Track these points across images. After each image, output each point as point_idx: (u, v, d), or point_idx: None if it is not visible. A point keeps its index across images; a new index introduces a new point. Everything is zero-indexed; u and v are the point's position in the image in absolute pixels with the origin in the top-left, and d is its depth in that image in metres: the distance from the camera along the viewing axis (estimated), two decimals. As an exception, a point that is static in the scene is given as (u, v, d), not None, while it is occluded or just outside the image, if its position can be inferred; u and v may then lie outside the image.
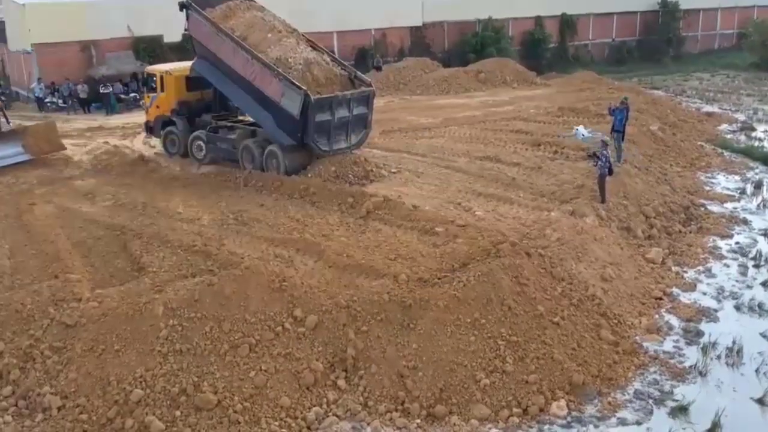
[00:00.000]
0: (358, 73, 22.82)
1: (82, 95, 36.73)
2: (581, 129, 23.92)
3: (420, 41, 50.21)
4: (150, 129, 26.41)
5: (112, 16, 38.50)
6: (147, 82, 26.54)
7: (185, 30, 24.44)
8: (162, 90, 25.32)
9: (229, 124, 23.89)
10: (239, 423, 11.19)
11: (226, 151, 23.17)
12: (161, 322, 12.37)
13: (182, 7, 23.85)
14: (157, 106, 25.62)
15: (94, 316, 12.76)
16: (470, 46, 50.01)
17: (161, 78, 25.29)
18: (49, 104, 36.98)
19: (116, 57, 38.72)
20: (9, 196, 20.78)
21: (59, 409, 11.50)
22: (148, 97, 26.29)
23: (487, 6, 51.88)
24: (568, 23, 56.16)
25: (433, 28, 50.83)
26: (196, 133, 24.09)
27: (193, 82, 25.00)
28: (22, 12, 38.16)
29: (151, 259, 15.23)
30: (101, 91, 36.43)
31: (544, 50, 53.97)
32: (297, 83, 20.27)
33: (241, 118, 24.98)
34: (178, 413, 11.22)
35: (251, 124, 23.51)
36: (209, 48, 23.21)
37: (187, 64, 25.54)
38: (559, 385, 12.05)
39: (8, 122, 25.88)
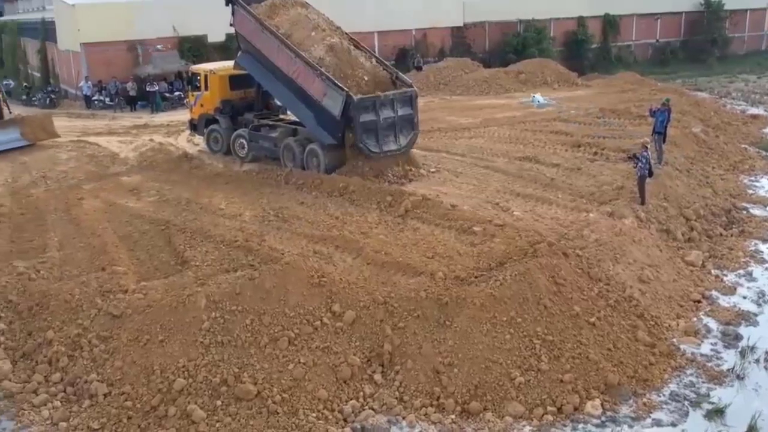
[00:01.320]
0: (400, 74, 22.95)
1: (132, 93, 37.59)
2: (538, 96, 24.59)
3: (461, 42, 50.25)
4: (194, 127, 26.96)
5: (158, 17, 39.32)
6: (192, 81, 27.11)
7: (230, 24, 24.64)
8: (206, 89, 25.81)
9: (270, 123, 24.26)
10: (278, 414, 11.45)
11: (267, 149, 23.56)
12: (203, 315, 12.70)
13: (228, 2, 24.13)
14: (201, 105, 26.13)
15: (139, 308, 13.17)
16: (511, 47, 49.93)
17: (205, 77, 25.79)
18: (96, 102, 37.93)
19: (161, 56, 39.50)
20: (59, 191, 21.44)
21: (105, 396, 11.89)
22: (193, 95, 26.83)
23: (529, 6, 51.71)
24: (611, 23, 55.67)
25: (474, 28, 50.84)
26: (239, 131, 24.52)
27: (236, 81, 25.46)
28: (71, 12, 39.19)
29: (194, 254, 15.63)
30: (147, 89, 37.22)
31: (586, 51, 53.61)
32: (339, 84, 20.51)
33: (282, 116, 25.41)
34: (218, 403, 11.53)
35: (293, 123, 23.89)
36: (253, 44, 23.48)
37: (231, 63, 26.02)
38: (594, 384, 12.08)
39: (9, 111, 29.04)
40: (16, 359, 13.09)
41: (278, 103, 25.86)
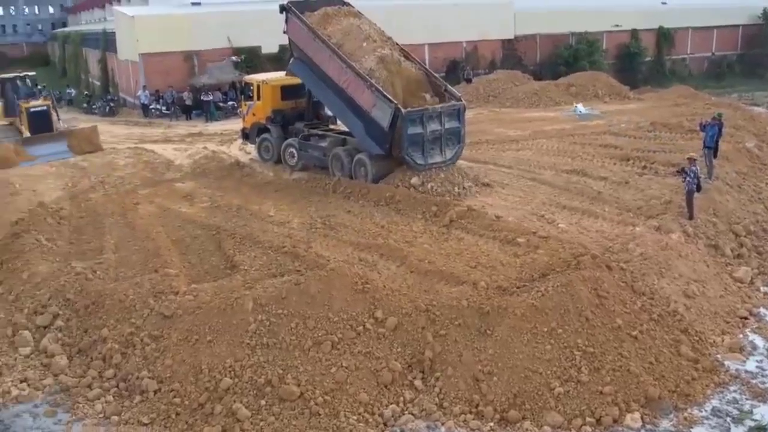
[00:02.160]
0: (449, 86, 23.16)
1: (187, 102, 38.65)
2: (579, 106, 24.08)
3: (511, 54, 50.38)
4: (246, 135, 27.62)
5: (213, 28, 40.49)
6: (244, 91, 27.79)
7: (284, 32, 24.94)
8: (258, 99, 26.43)
9: (320, 133, 24.71)
10: (320, 415, 11.75)
11: (316, 158, 24.01)
12: (250, 317, 13.09)
13: (282, 9, 24.53)
14: (254, 114, 26.76)
15: (189, 309, 13.63)
16: (562, 59, 49.85)
17: (258, 87, 26.42)
18: (153, 110, 39.08)
19: (216, 66, 40.55)
20: (116, 195, 22.24)
21: (155, 392, 12.36)
22: (245, 105, 27.51)
23: (581, 19, 51.69)
24: (665, 36, 55.21)
25: (525, 40, 50.96)
26: (289, 140, 25.04)
27: (287, 91, 26.04)
28: (131, 24, 40.55)
29: (243, 258, 16.07)
30: (202, 99, 38.23)
31: (639, 64, 53.23)
32: (388, 96, 20.83)
33: (332, 126, 25.87)
34: (263, 402, 11.88)
35: (342, 133, 24.32)
36: (305, 52, 23.86)
37: (283, 74, 26.62)
38: (634, 397, 12.07)
39: (58, 118, 31.11)
40: (73, 355, 13.70)
41: (328, 113, 26.36)
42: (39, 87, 35.41)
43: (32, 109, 30.16)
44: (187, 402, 12.06)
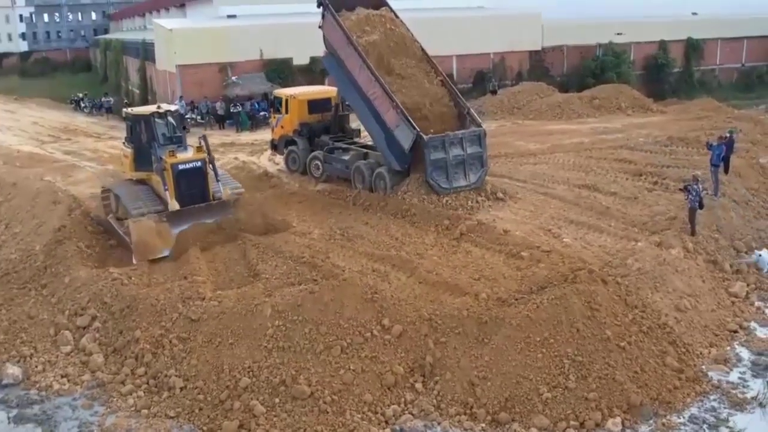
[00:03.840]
0: (471, 110, 23.95)
1: (220, 112, 40.18)
2: (765, 254, 19.48)
3: (538, 65, 51.03)
4: (275, 147, 29.01)
5: (247, 41, 41.91)
6: (274, 104, 29.16)
7: (319, 26, 25.18)
8: (286, 112, 27.76)
9: (344, 146, 25.94)
10: (327, 413, 12.91)
11: (340, 171, 25.21)
12: (269, 322, 14.31)
13: (319, 4, 24.72)
14: (282, 126, 28.12)
15: (214, 313, 14.91)
16: (589, 71, 50.31)
17: (286, 101, 27.76)
18: (189, 120, 40.65)
19: (249, 78, 42.02)
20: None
21: (181, 389, 13.62)
22: (275, 117, 28.88)
23: (609, 30, 52.04)
24: (694, 47, 55.27)
25: (553, 52, 51.52)
26: (315, 152, 26.29)
27: (314, 105, 27.34)
28: (169, 36, 42.22)
29: (265, 267, 17.30)
30: (231, 110, 39.76)
31: (667, 75, 53.38)
32: (412, 122, 21.66)
33: (356, 140, 27.08)
34: (277, 400, 13.08)
35: (364, 147, 25.50)
36: (338, 53, 24.35)
37: (310, 88, 27.92)
38: (617, 403, 13.00)
39: (217, 178, 20.27)
40: (108, 354, 15.06)
41: (353, 126, 27.61)
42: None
43: (181, 166, 19.73)
44: (210, 398, 13.30)
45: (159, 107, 21.23)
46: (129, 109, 22.32)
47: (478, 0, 54.15)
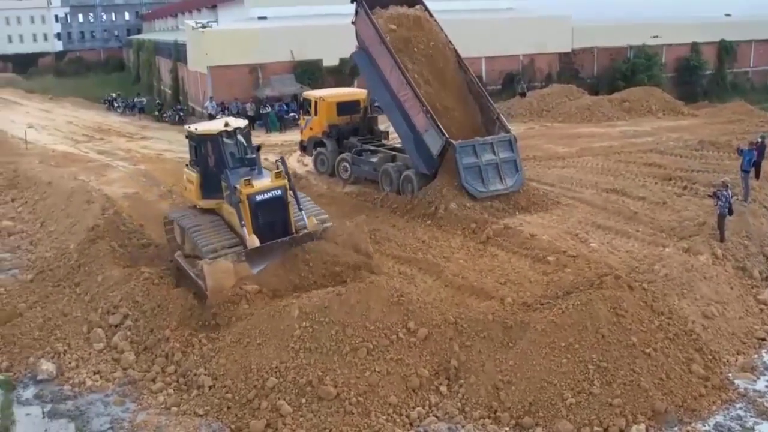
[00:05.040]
0: (501, 116, 23.99)
1: (250, 113, 40.62)
2: None
3: (568, 67, 50.77)
4: (303, 148, 29.35)
5: (277, 42, 42.28)
6: (303, 106, 29.47)
7: (352, 22, 25.17)
8: (315, 114, 28.06)
9: (372, 148, 26.13)
10: (353, 414, 13.07)
11: (367, 173, 25.41)
12: (296, 323, 14.48)
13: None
14: (311, 128, 28.43)
15: (242, 314, 15.18)
16: (620, 73, 49.96)
17: (315, 103, 28.05)
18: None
19: (279, 79, 42.42)
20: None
21: (210, 387, 13.86)
22: (304, 119, 29.20)
23: (640, 32, 51.61)
24: (727, 50, 54.64)
25: (583, 53, 51.22)
26: (343, 154, 26.53)
27: (342, 107, 27.58)
28: (200, 38, 42.76)
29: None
30: (261, 111, 40.17)
31: (699, 77, 52.81)
32: (441, 128, 21.70)
33: (384, 142, 27.26)
34: (303, 400, 13.27)
35: (392, 149, 25.67)
36: (370, 50, 24.27)
37: (338, 90, 28.15)
38: (641, 410, 12.98)
39: (299, 205, 17.75)
40: (139, 351, 15.38)
41: (381, 128, 27.79)
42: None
43: (258, 197, 17.02)
44: (237, 397, 13.51)
45: (227, 125, 18.17)
46: (193, 128, 18.92)
47: (508, 2, 53.94)
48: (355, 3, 24.63)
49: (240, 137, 18.14)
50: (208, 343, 14.88)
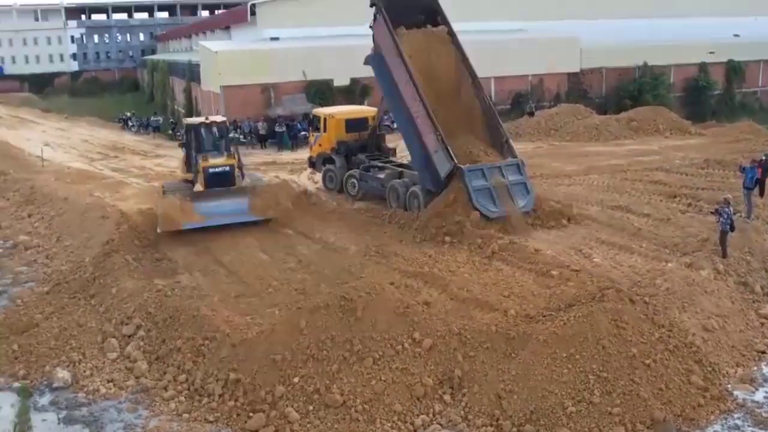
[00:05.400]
0: (510, 140, 24.26)
1: (262, 132, 41.30)
2: None
3: (577, 87, 51.28)
4: (312, 164, 29.87)
5: (289, 62, 43.03)
6: (313, 123, 30.03)
7: (370, 26, 25.03)
8: (324, 130, 28.59)
9: (379, 165, 26.59)
10: (359, 421, 13.42)
11: (375, 189, 25.84)
12: (304, 332, 14.92)
13: (372, 3, 24.47)
14: (320, 144, 28.95)
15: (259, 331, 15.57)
16: (627, 93, 50.38)
17: (324, 120, 28.60)
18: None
19: (291, 99, 43.13)
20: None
21: (220, 395, 14.26)
22: (313, 135, 29.76)
23: (648, 52, 52.05)
24: (735, 70, 55.00)
25: (591, 74, 51.72)
26: (352, 171, 27.01)
27: (351, 124, 28.09)
28: (214, 58, 43.58)
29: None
30: (275, 129, 40.83)
31: (708, 97, 53.15)
32: (451, 152, 21.95)
33: (392, 158, 27.73)
34: (310, 408, 13.62)
35: (399, 166, 26.12)
36: (385, 58, 24.15)
37: (347, 108, 28.65)
38: (640, 418, 13.23)
39: (242, 174, 25.15)
40: (152, 361, 15.78)
41: (389, 145, 28.27)
42: (232, 133, 31.52)
43: (211, 170, 23.73)
44: (247, 405, 13.91)
45: (207, 118, 26.22)
46: (187, 119, 27.59)
47: (518, 23, 54.55)
48: (374, 7, 24.49)
49: (215, 129, 25.40)
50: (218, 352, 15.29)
